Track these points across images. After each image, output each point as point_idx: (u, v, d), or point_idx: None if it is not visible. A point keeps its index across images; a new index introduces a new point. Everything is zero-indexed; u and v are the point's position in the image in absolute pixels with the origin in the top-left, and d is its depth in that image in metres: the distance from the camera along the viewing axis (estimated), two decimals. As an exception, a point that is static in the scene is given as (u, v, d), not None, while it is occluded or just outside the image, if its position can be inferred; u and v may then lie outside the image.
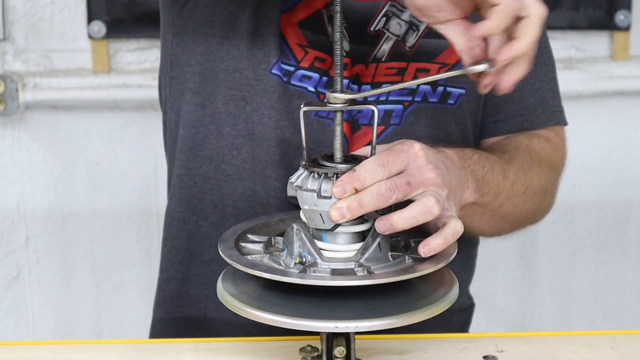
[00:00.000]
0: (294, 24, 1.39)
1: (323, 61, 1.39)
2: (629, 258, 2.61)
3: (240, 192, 1.43)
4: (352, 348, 1.14)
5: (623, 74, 2.46)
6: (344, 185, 1.12)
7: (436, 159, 1.18)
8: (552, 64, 1.53)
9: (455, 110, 1.43)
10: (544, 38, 1.50)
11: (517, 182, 1.39)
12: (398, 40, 1.41)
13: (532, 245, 2.58)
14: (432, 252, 1.13)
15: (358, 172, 1.12)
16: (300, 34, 1.39)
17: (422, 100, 1.42)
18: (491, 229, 1.45)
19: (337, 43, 1.14)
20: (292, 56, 1.39)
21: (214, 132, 1.43)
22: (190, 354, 1.26)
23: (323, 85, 1.39)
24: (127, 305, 2.51)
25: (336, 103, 1.14)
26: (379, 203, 1.12)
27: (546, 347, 1.27)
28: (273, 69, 1.40)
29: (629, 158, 2.53)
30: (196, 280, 1.50)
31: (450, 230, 1.14)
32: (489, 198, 1.34)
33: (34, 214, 2.44)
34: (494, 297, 2.58)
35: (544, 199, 1.49)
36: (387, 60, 1.41)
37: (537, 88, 1.49)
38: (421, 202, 1.13)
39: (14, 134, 2.41)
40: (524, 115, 1.49)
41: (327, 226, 1.13)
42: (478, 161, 1.33)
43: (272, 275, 1.09)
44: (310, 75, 1.40)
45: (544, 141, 1.50)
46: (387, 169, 1.13)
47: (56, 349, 1.30)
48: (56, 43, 2.38)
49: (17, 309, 2.50)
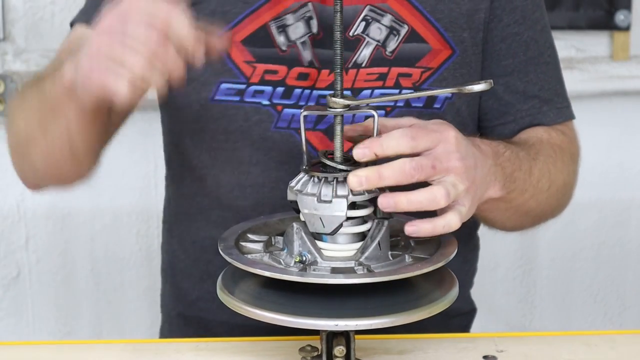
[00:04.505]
0: (238, 43, 1.38)
1: (274, 73, 1.38)
2: (629, 258, 2.61)
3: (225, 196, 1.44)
4: (351, 348, 1.14)
5: (623, 74, 2.46)
6: (365, 150, 1.12)
7: (467, 150, 1.17)
8: (554, 61, 1.51)
9: (441, 114, 1.41)
10: (543, 34, 1.49)
11: (542, 179, 1.38)
12: (378, 45, 1.40)
13: (532, 245, 2.58)
14: (416, 235, 1.13)
15: (382, 138, 1.12)
16: (245, 50, 1.38)
17: (405, 106, 1.40)
18: (513, 223, 1.44)
19: (337, 42, 1.14)
20: (240, 74, 1.39)
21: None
22: (190, 354, 1.26)
23: (278, 96, 1.39)
24: (127, 305, 2.51)
25: (336, 107, 1.15)
26: (399, 179, 1.12)
27: (546, 347, 1.27)
28: (216, 95, 1.39)
29: (629, 158, 2.53)
30: (196, 280, 1.50)
31: (442, 222, 1.14)
32: (514, 195, 1.33)
33: (34, 214, 2.44)
34: (494, 297, 2.57)
35: (566, 193, 1.48)
36: (367, 65, 1.39)
37: (541, 87, 1.48)
38: (431, 190, 1.13)
39: (14, 134, 2.41)
40: (531, 115, 1.48)
41: (327, 230, 1.13)
42: (509, 158, 1.31)
43: (272, 273, 1.09)
44: (263, 90, 1.39)
45: (561, 134, 1.49)
46: (415, 142, 1.13)
47: (56, 349, 1.30)
48: (56, 43, 2.37)
49: (17, 309, 2.49)
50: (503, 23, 1.45)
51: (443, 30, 1.40)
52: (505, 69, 1.46)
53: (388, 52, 1.40)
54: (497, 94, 1.46)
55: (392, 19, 1.39)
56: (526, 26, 1.46)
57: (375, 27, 1.39)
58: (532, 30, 1.47)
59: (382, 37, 1.39)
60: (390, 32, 1.40)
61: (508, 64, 1.46)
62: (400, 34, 1.40)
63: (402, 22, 1.39)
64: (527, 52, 1.47)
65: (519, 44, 1.46)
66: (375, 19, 1.39)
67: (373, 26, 1.39)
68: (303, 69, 1.38)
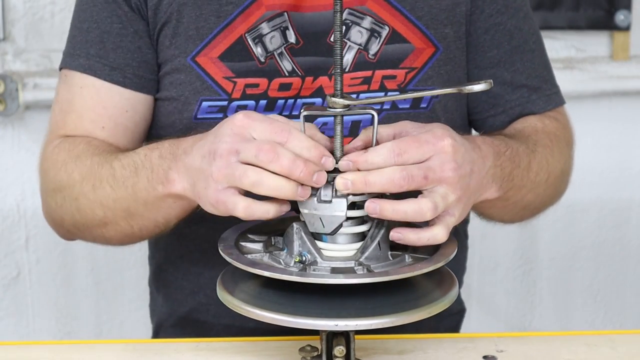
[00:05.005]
0: (215, 59, 1.38)
1: (255, 86, 1.38)
2: (629, 258, 2.61)
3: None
4: (351, 348, 1.14)
5: (623, 74, 2.46)
6: (349, 163, 1.12)
7: (464, 157, 1.16)
8: (539, 47, 1.50)
9: (428, 113, 1.41)
10: (527, 21, 1.48)
11: (540, 173, 1.38)
12: (360, 49, 1.39)
13: (532, 245, 2.58)
14: (400, 241, 1.13)
15: (368, 154, 1.12)
16: (223, 66, 1.38)
17: (391, 108, 1.39)
18: (512, 217, 1.44)
19: (337, 42, 1.14)
20: (221, 90, 1.38)
21: None
22: (190, 354, 1.26)
23: (262, 109, 1.38)
24: (127, 305, 2.51)
25: (336, 107, 1.14)
26: (386, 188, 1.11)
27: (546, 347, 1.27)
28: (198, 113, 1.39)
29: (629, 158, 2.53)
30: (196, 280, 1.50)
31: (427, 235, 1.14)
32: (512, 193, 1.32)
33: (34, 214, 2.43)
34: (494, 297, 2.57)
35: (563, 180, 1.47)
36: (351, 70, 1.38)
37: (528, 75, 1.47)
38: (418, 203, 1.12)
39: (14, 134, 2.41)
40: (521, 104, 1.47)
41: (327, 230, 1.13)
42: (509, 157, 1.30)
43: (272, 273, 1.09)
44: (246, 104, 1.38)
45: (554, 120, 1.48)
46: (401, 158, 1.11)
47: (56, 349, 1.30)
48: (56, 43, 2.38)
49: (17, 309, 2.49)
50: (485, 14, 1.44)
51: (424, 28, 1.40)
52: (491, 60, 1.45)
53: (371, 55, 1.39)
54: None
55: (372, 21, 1.38)
56: (509, 15, 1.45)
57: (356, 31, 1.38)
58: (515, 19, 1.46)
59: (364, 41, 1.39)
60: (372, 34, 1.39)
61: (493, 55, 1.45)
62: (382, 35, 1.39)
63: (382, 24, 1.39)
64: (512, 41, 1.46)
65: (503, 33, 1.45)
66: (354, 22, 1.38)
67: (353, 30, 1.38)
68: (284, 79, 1.38)
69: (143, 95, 1.42)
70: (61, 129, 1.44)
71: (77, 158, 1.36)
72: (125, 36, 1.40)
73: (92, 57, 1.41)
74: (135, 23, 1.40)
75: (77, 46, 1.43)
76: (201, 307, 1.48)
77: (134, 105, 1.42)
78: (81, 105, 1.42)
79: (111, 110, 1.41)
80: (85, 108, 1.41)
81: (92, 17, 1.41)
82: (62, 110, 1.44)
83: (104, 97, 1.41)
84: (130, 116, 1.42)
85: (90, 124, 1.41)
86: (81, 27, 1.43)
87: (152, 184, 1.25)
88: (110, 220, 1.34)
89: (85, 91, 1.41)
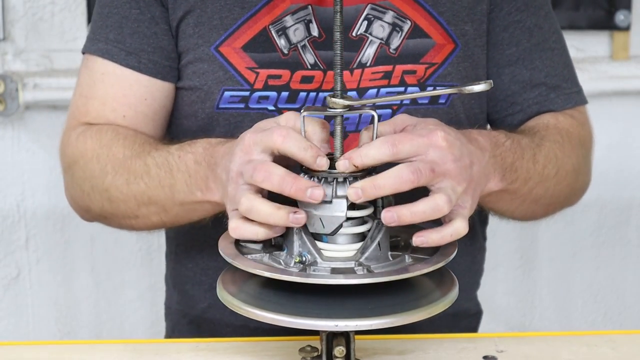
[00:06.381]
0: (239, 49, 1.39)
1: (278, 77, 1.38)
2: (629, 258, 2.61)
3: None
4: (351, 348, 1.14)
5: (623, 74, 2.46)
6: (345, 161, 1.12)
7: (461, 149, 1.15)
8: (560, 46, 1.49)
9: (447, 109, 1.41)
10: (548, 19, 1.48)
11: (548, 165, 1.37)
12: (382, 43, 1.39)
13: (532, 245, 2.58)
14: (424, 245, 1.13)
15: (362, 148, 1.12)
16: (246, 57, 1.38)
17: (411, 104, 1.39)
18: (523, 212, 1.42)
19: (337, 42, 1.14)
20: (244, 81, 1.39)
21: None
22: (190, 354, 1.26)
23: (284, 101, 1.39)
24: (127, 305, 2.51)
25: (336, 108, 1.14)
26: (397, 187, 1.10)
27: (546, 347, 1.27)
28: (220, 103, 1.40)
29: (629, 158, 2.53)
30: (215, 276, 1.50)
31: (450, 230, 1.14)
32: (517, 185, 1.31)
33: (34, 214, 2.44)
34: (494, 297, 2.57)
35: (577, 178, 1.46)
36: (372, 64, 1.39)
37: (547, 73, 1.47)
38: (433, 199, 1.12)
39: (14, 134, 2.41)
40: (539, 102, 1.46)
41: (327, 230, 1.13)
42: (510, 148, 1.30)
43: (272, 273, 1.09)
44: (267, 95, 1.39)
45: (570, 117, 1.47)
46: (396, 149, 1.11)
47: (56, 349, 1.30)
48: (56, 43, 2.38)
49: (17, 309, 2.49)
50: (504, 11, 1.44)
51: (446, 24, 1.40)
52: (510, 58, 1.45)
53: (392, 49, 1.39)
54: (503, 84, 1.45)
55: (394, 15, 1.39)
56: (529, 13, 1.45)
57: (378, 25, 1.39)
58: (535, 17, 1.46)
59: (385, 35, 1.39)
60: (393, 29, 1.39)
61: (512, 53, 1.45)
62: (403, 30, 1.39)
63: (404, 18, 1.39)
64: (531, 39, 1.46)
65: (522, 31, 1.45)
66: (377, 17, 1.39)
67: (375, 24, 1.39)
68: (307, 72, 1.38)
69: (160, 82, 1.43)
70: (83, 116, 1.45)
71: (107, 148, 1.38)
72: (142, 22, 1.41)
73: (111, 41, 1.43)
74: (153, 9, 1.41)
75: (98, 31, 1.44)
76: (218, 303, 1.48)
77: (152, 93, 1.43)
78: (103, 92, 1.43)
79: (131, 99, 1.42)
80: (107, 96, 1.43)
81: (112, 2, 1.43)
82: (83, 95, 1.45)
83: (124, 84, 1.43)
84: (149, 104, 1.43)
85: (112, 112, 1.43)
86: (102, 12, 1.44)
87: (191, 189, 1.28)
88: (143, 214, 1.36)
89: (106, 78, 1.43)
